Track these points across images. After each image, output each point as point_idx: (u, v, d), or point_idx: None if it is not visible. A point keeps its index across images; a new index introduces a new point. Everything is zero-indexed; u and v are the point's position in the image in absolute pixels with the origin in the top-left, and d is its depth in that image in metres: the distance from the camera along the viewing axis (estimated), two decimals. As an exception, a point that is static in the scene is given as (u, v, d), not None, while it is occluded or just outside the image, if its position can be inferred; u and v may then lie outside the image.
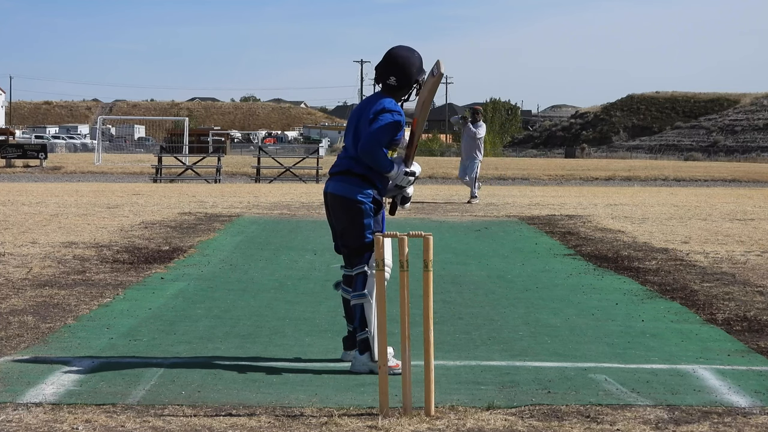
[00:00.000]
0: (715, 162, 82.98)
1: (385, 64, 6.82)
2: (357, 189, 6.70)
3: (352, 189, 6.71)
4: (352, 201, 6.69)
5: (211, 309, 8.91)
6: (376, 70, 6.90)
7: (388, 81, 6.81)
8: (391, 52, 6.85)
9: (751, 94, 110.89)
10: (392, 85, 6.81)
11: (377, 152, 6.66)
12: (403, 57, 6.82)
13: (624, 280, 10.93)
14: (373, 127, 6.67)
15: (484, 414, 5.49)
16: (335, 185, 6.77)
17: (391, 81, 6.80)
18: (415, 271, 5.88)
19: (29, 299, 9.12)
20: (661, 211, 21.65)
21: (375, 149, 6.65)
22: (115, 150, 78.60)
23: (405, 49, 6.89)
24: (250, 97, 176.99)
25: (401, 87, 6.82)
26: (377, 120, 6.67)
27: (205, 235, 15.21)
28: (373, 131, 6.66)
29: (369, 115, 6.73)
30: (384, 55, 6.87)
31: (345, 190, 6.72)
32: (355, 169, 6.73)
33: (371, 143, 6.65)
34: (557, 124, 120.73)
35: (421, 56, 6.90)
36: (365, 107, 6.81)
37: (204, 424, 5.27)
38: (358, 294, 6.67)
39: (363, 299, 6.66)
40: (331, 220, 6.87)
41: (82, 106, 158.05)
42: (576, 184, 43.88)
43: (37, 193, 26.44)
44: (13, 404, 5.61)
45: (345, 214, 6.72)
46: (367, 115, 6.74)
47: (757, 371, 6.67)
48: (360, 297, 6.67)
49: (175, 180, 39.98)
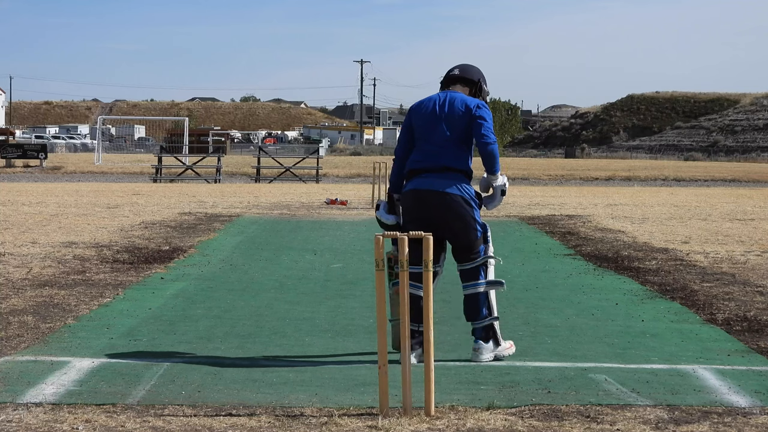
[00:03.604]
0: (715, 162, 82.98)
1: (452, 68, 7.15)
2: (465, 185, 6.87)
3: (460, 186, 6.84)
4: (463, 197, 6.82)
5: (211, 309, 8.91)
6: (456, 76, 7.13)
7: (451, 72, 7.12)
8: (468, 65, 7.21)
9: (751, 94, 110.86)
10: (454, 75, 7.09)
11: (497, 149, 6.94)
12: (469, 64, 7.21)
13: (624, 280, 10.93)
14: (488, 125, 6.86)
15: (484, 414, 5.49)
16: (439, 182, 6.82)
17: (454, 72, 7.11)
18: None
19: (29, 299, 9.12)
20: (661, 211, 21.65)
21: (496, 146, 6.94)
22: (115, 150, 78.64)
23: None
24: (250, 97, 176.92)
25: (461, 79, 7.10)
26: (486, 117, 6.90)
27: (205, 235, 15.21)
28: (490, 128, 6.89)
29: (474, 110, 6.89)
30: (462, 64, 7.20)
31: (452, 187, 6.84)
32: (456, 164, 6.85)
33: (494, 140, 6.91)
34: (557, 124, 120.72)
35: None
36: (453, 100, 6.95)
37: (204, 424, 5.27)
38: (486, 282, 6.91)
39: (492, 287, 6.93)
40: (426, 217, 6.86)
41: (82, 106, 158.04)
42: (576, 184, 43.88)
43: (37, 193, 26.44)
44: (13, 404, 5.60)
45: (457, 211, 6.83)
46: (461, 107, 6.90)
47: (757, 371, 6.67)
48: (487, 285, 6.91)
49: (175, 180, 39.99)
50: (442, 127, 6.86)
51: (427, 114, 6.92)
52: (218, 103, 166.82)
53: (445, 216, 6.84)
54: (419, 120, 6.95)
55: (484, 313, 6.91)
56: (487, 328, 6.90)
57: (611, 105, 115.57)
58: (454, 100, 6.94)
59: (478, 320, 6.91)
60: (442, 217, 6.84)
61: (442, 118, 6.87)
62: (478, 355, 6.84)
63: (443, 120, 6.87)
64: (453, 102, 6.92)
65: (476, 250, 6.91)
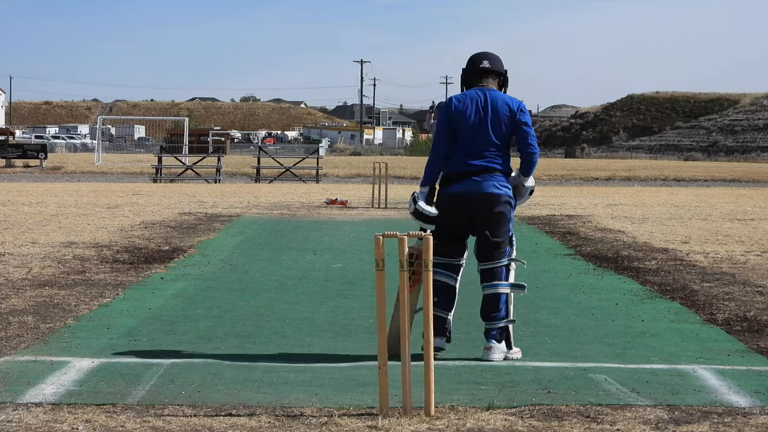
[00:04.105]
0: (715, 162, 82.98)
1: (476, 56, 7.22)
2: (507, 184, 7.06)
3: (504, 186, 7.03)
4: (506, 197, 7.02)
5: (211, 309, 8.90)
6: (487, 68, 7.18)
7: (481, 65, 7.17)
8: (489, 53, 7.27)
9: (751, 94, 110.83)
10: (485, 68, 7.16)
11: (537, 158, 7.20)
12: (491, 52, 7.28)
13: (624, 280, 10.93)
14: (532, 132, 7.08)
15: (484, 414, 5.49)
16: (485, 184, 6.99)
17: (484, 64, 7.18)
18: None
19: (29, 299, 9.12)
20: (661, 211, 21.65)
21: (538, 155, 7.19)
22: (115, 150, 78.65)
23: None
24: (250, 97, 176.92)
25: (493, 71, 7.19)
26: (529, 122, 7.11)
27: (205, 235, 15.21)
28: (534, 136, 7.12)
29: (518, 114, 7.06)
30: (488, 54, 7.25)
31: (497, 188, 7.01)
32: (501, 167, 7.05)
33: (537, 150, 7.14)
34: (557, 124, 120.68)
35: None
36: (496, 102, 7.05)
37: (204, 424, 5.27)
38: (508, 284, 7.03)
39: (514, 289, 7.05)
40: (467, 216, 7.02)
41: (82, 106, 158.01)
42: (576, 184, 43.89)
43: (37, 193, 26.45)
44: (13, 404, 5.60)
45: (498, 210, 6.99)
46: (505, 111, 7.04)
47: (757, 371, 6.66)
48: (509, 287, 7.03)
49: (175, 180, 39.99)
50: (488, 132, 7.03)
51: (471, 117, 7.03)
52: (218, 103, 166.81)
53: (487, 214, 7.00)
54: (463, 122, 7.04)
55: (503, 314, 7.00)
56: (502, 330, 6.99)
57: (611, 105, 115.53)
58: (496, 102, 7.07)
59: (496, 321, 6.98)
60: (484, 214, 6.99)
61: (488, 124, 7.03)
62: (490, 354, 6.91)
63: (489, 126, 7.03)
64: (495, 104, 7.06)
65: (503, 249, 7.04)
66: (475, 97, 7.06)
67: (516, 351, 7.03)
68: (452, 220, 7.02)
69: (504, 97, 7.10)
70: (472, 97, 7.06)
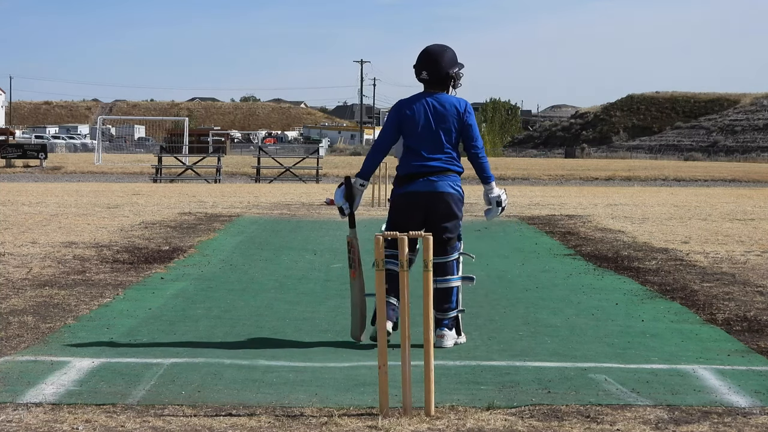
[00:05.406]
0: (715, 162, 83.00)
1: (419, 61, 7.38)
2: (458, 183, 7.41)
3: (455, 185, 7.38)
4: (459, 196, 7.38)
5: (211, 309, 8.90)
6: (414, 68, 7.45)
7: (420, 76, 7.38)
8: (425, 49, 7.41)
9: (751, 94, 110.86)
10: (425, 80, 7.37)
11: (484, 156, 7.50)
12: (434, 52, 7.37)
13: (624, 280, 10.93)
14: (475, 131, 7.38)
15: (484, 414, 5.49)
16: (438, 184, 7.30)
17: (423, 75, 7.37)
18: (415, 270, 5.88)
19: (29, 299, 9.12)
20: (661, 211, 21.66)
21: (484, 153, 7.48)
22: (115, 150, 78.65)
23: (437, 45, 7.46)
24: (250, 97, 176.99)
25: (434, 82, 7.36)
26: (473, 123, 7.38)
27: (205, 235, 15.21)
28: (478, 135, 7.43)
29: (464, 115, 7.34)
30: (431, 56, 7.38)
31: (449, 187, 7.34)
32: (452, 167, 7.35)
33: (481, 146, 7.46)
34: (557, 124, 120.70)
35: (453, 51, 7.45)
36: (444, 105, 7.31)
37: (204, 424, 5.27)
38: (458, 277, 7.41)
39: (463, 281, 7.47)
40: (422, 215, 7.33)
41: (82, 106, 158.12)
42: (576, 184, 43.90)
43: (37, 193, 26.45)
44: (13, 404, 5.60)
45: (452, 208, 7.35)
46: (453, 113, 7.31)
47: (757, 371, 6.66)
48: (459, 280, 7.42)
49: (175, 180, 40.00)
50: (439, 135, 7.32)
51: (422, 122, 7.32)
52: (218, 103, 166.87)
53: (440, 213, 7.34)
54: (413, 128, 7.34)
55: (454, 305, 7.40)
56: (454, 319, 7.40)
57: (611, 105, 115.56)
58: (444, 105, 7.35)
59: (448, 311, 7.35)
60: (437, 213, 7.34)
61: (438, 128, 7.32)
62: (443, 341, 7.29)
63: (439, 129, 7.32)
64: (444, 107, 7.35)
65: (453, 245, 7.42)
66: (424, 103, 7.37)
67: (462, 336, 7.46)
68: (408, 218, 7.34)
69: (450, 99, 7.37)
70: (421, 102, 7.37)
